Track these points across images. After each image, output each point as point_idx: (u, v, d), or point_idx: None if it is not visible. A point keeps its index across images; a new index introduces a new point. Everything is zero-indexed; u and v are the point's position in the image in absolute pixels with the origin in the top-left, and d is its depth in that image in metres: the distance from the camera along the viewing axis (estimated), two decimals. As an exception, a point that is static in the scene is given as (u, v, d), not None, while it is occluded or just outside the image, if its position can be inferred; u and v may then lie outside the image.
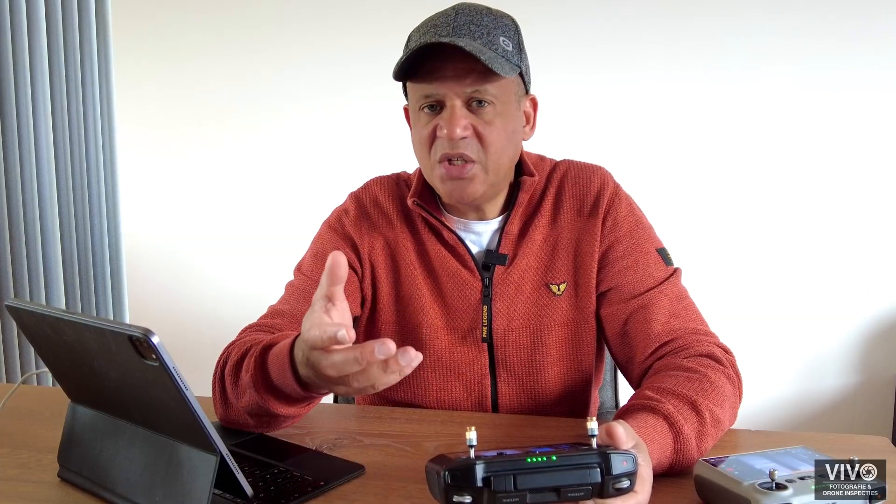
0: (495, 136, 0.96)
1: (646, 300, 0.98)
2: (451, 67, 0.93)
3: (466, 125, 0.94)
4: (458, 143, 0.94)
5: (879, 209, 2.20)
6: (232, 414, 0.91)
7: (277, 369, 0.80)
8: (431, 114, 0.97)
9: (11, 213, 2.01)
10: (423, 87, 0.95)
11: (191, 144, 2.58)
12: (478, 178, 0.97)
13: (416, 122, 1.00)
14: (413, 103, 1.00)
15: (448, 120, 0.94)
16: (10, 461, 0.87)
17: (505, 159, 0.99)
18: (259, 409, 0.86)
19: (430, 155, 0.98)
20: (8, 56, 1.99)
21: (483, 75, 0.93)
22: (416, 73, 0.95)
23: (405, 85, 1.02)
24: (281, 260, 1.33)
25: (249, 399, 0.85)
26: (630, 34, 2.25)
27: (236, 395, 0.88)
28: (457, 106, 0.94)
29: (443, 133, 0.94)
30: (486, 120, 0.95)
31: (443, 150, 0.96)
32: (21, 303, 0.75)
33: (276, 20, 2.45)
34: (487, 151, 0.96)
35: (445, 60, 0.93)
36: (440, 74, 0.93)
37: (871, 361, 2.27)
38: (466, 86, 0.93)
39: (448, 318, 1.04)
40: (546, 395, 1.04)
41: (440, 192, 1.01)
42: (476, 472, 0.56)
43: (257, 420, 0.89)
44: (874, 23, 2.13)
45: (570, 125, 2.23)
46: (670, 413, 0.78)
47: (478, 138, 0.95)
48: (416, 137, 1.01)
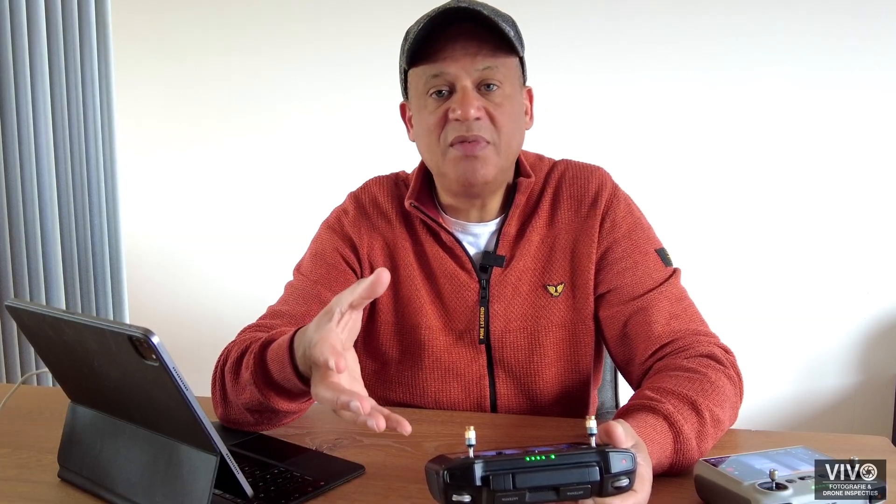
0: (506, 117, 0.96)
1: (645, 302, 0.98)
2: (461, 45, 0.93)
3: (479, 106, 0.94)
4: (472, 125, 0.94)
5: (879, 209, 2.19)
6: (232, 412, 0.91)
7: (277, 365, 0.80)
8: (439, 100, 0.96)
9: (11, 213, 2.01)
10: (432, 67, 0.94)
11: (191, 144, 2.58)
12: (490, 159, 0.96)
13: (422, 108, 0.98)
14: (419, 89, 0.98)
15: (461, 101, 0.93)
16: (10, 461, 0.87)
17: (514, 143, 1.00)
18: (259, 406, 0.86)
19: (439, 141, 0.97)
20: (8, 56, 1.99)
21: (492, 52, 0.93)
22: (423, 56, 0.94)
23: (405, 77, 1.01)
24: (280, 260, 1.33)
25: (250, 395, 0.85)
26: (628, 34, 2.25)
27: (236, 393, 0.88)
28: (468, 87, 0.93)
29: (456, 114, 0.93)
30: (496, 102, 0.95)
31: (456, 133, 0.95)
32: (21, 303, 0.75)
33: (276, 20, 2.45)
34: (500, 133, 0.96)
35: (454, 40, 0.93)
36: (449, 54, 0.93)
37: (871, 361, 2.26)
38: (478, 62, 0.93)
39: (446, 319, 1.04)
40: (544, 395, 1.03)
41: (451, 178, 0.98)
42: (475, 471, 0.56)
43: (257, 417, 0.89)
44: (876, 23, 2.13)
45: (569, 125, 2.23)
46: (670, 413, 0.78)
47: (490, 119, 0.95)
48: (422, 125, 0.99)
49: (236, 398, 0.88)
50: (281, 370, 0.80)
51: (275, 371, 0.81)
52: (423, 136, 0.99)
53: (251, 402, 0.86)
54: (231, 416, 0.92)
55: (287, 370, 0.78)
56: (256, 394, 0.84)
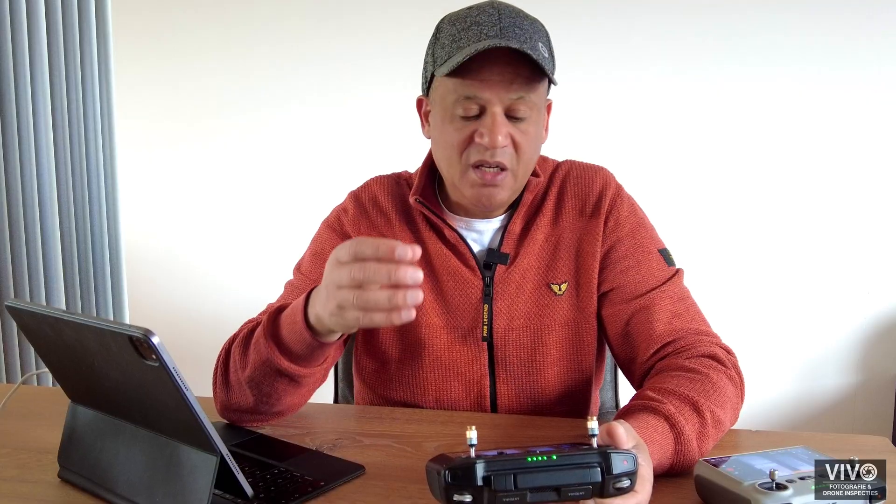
0: (528, 145, 0.96)
1: (648, 301, 0.98)
2: (497, 71, 0.91)
3: (507, 133, 0.93)
4: (496, 152, 0.94)
5: (880, 209, 2.19)
6: (233, 396, 0.93)
7: (289, 317, 0.85)
8: (467, 117, 0.95)
9: (11, 213, 2.01)
10: (466, 88, 0.92)
11: (191, 144, 2.58)
12: (507, 185, 0.97)
13: (448, 123, 0.96)
14: (447, 101, 0.96)
15: (491, 128, 0.92)
16: (10, 461, 0.87)
17: (531, 165, 1.00)
18: (263, 371, 0.88)
19: (461, 159, 0.96)
20: (8, 56, 1.98)
21: (527, 81, 0.93)
22: (457, 70, 0.92)
23: (431, 78, 0.99)
24: (280, 259, 1.33)
25: (255, 358, 0.88)
26: (632, 33, 2.25)
27: (242, 365, 0.90)
28: (498, 113, 0.92)
29: (484, 141, 0.93)
30: (522, 129, 0.95)
31: (479, 157, 0.94)
32: (21, 303, 0.75)
33: (275, 19, 2.45)
34: (520, 160, 0.96)
35: (492, 63, 0.91)
36: (486, 77, 0.91)
37: (871, 361, 2.26)
38: (512, 91, 0.92)
39: (448, 317, 1.04)
40: (546, 395, 1.03)
41: (466, 196, 0.99)
42: (476, 471, 0.56)
43: (258, 393, 0.91)
44: (877, 22, 2.13)
45: (572, 125, 2.22)
46: (671, 414, 0.78)
47: (514, 146, 0.95)
48: (445, 139, 0.98)
49: (240, 375, 0.90)
50: (291, 319, 0.84)
51: (285, 323, 0.86)
52: (445, 148, 0.98)
53: (255, 371, 0.89)
54: (231, 401, 0.93)
55: (298, 314, 0.83)
56: (263, 350, 0.87)
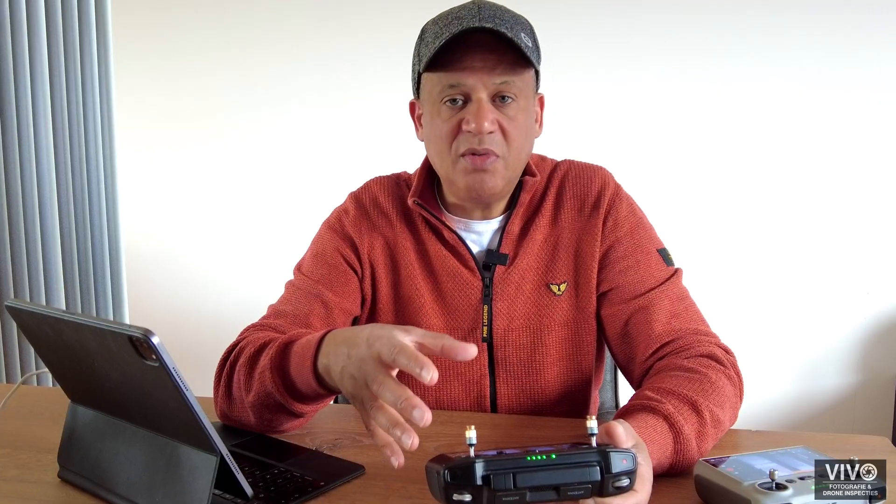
0: (518, 131, 0.96)
1: (647, 301, 0.98)
2: (480, 58, 0.92)
3: (493, 119, 0.94)
4: (484, 139, 0.94)
5: (880, 209, 2.19)
6: (235, 411, 0.91)
7: (298, 355, 0.81)
8: (453, 108, 0.95)
9: (11, 213, 2.01)
10: (450, 77, 0.93)
11: (190, 144, 2.58)
12: (498, 172, 0.97)
13: (436, 115, 0.97)
14: (433, 95, 0.97)
15: (476, 114, 0.93)
16: (10, 461, 0.87)
17: (523, 155, 1.00)
18: (265, 400, 0.86)
19: (451, 150, 0.97)
20: (8, 56, 1.98)
21: (511, 67, 0.93)
22: (440, 63, 0.93)
23: (419, 79, 1.00)
24: (281, 260, 1.33)
25: (259, 388, 0.85)
26: (632, 33, 2.25)
27: (246, 388, 0.88)
28: (483, 99, 0.93)
29: (470, 127, 0.93)
30: (509, 115, 0.95)
31: (468, 146, 0.95)
32: (21, 303, 0.75)
33: (275, 18, 2.45)
34: (510, 146, 0.96)
35: (473, 51, 0.92)
36: (468, 64, 0.92)
37: (871, 361, 2.26)
38: (495, 76, 0.93)
39: (448, 318, 1.04)
40: (545, 395, 1.03)
41: (459, 187, 0.99)
42: (476, 470, 0.56)
43: (259, 418, 0.89)
44: (877, 22, 2.13)
45: (572, 125, 2.23)
46: (670, 413, 0.78)
47: (502, 133, 0.95)
48: (434, 132, 0.98)
49: (245, 395, 0.88)
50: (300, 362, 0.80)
51: (294, 363, 0.82)
52: (435, 141, 0.99)
53: (258, 399, 0.86)
54: (233, 413, 0.92)
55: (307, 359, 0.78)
56: (269, 382, 0.84)
